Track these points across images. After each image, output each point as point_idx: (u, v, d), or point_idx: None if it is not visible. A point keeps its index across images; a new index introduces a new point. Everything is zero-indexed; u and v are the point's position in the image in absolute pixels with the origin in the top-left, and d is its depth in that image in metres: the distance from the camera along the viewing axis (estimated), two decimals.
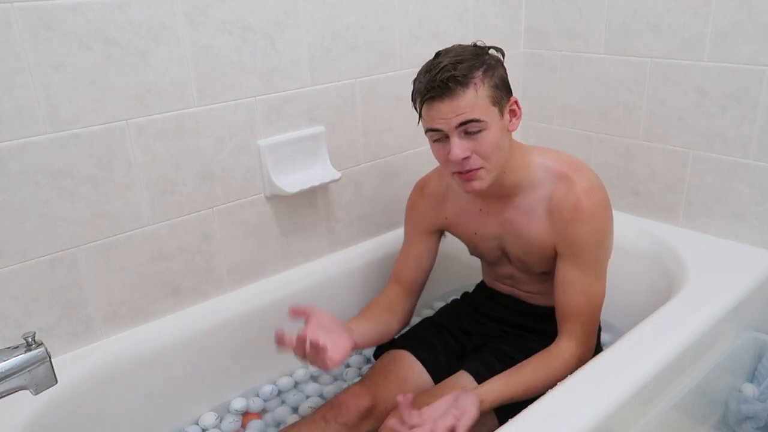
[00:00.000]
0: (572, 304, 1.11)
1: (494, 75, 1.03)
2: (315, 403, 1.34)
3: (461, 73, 0.99)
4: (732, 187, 1.43)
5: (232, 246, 1.35)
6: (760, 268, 1.32)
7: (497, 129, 1.03)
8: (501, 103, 1.04)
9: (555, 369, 1.07)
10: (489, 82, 1.02)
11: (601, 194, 1.11)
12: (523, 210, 1.15)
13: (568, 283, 1.12)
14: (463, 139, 1.02)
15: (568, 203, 1.09)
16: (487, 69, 1.02)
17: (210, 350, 1.31)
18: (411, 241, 1.32)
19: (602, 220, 1.10)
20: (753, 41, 1.32)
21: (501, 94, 1.04)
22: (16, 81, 1.01)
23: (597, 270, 1.12)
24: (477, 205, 1.21)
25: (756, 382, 1.33)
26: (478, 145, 1.03)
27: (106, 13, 1.06)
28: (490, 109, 1.02)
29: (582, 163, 1.14)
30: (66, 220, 1.11)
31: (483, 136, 1.02)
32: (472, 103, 1.00)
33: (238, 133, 1.29)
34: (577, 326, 1.11)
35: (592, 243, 1.10)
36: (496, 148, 1.04)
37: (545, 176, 1.13)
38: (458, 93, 0.99)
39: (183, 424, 1.30)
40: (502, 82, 1.05)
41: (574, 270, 1.11)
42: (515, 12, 1.72)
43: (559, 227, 1.11)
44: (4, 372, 0.72)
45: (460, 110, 1.00)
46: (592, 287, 1.12)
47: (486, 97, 1.01)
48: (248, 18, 1.23)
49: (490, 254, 1.26)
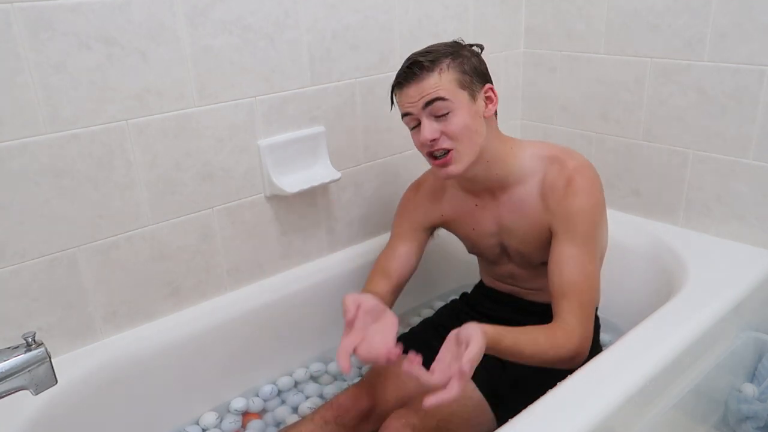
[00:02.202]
0: (570, 281, 1.07)
1: (464, 62, 1.08)
2: (315, 403, 1.34)
3: (428, 59, 1.06)
4: (732, 187, 1.43)
5: (232, 246, 1.35)
6: (760, 268, 1.32)
7: (466, 112, 1.07)
8: (471, 88, 1.08)
9: (557, 339, 1.02)
10: (456, 68, 1.07)
11: (592, 172, 1.12)
12: (519, 199, 1.15)
13: (564, 260, 1.08)
14: (432, 121, 1.07)
15: (561, 180, 1.10)
16: (455, 57, 1.08)
17: (210, 350, 1.31)
18: (401, 236, 1.30)
19: (595, 193, 1.11)
20: (753, 41, 1.32)
21: (471, 79, 1.08)
22: (16, 81, 1.01)
23: (590, 249, 1.09)
24: (472, 201, 1.22)
25: (756, 382, 1.33)
26: (446, 126, 1.07)
27: (106, 13, 1.06)
28: (458, 92, 1.07)
29: (573, 150, 1.16)
30: (66, 220, 1.11)
31: (450, 117, 1.06)
32: (436, 84, 1.05)
33: (238, 133, 1.29)
34: (575, 304, 1.06)
35: (585, 217, 1.09)
36: (465, 128, 1.07)
37: (537, 164, 1.14)
38: (423, 76, 1.06)
39: (183, 424, 1.30)
40: (473, 69, 1.09)
41: (570, 246, 1.09)
42: (515, 12, 1.72)
43: (554, 204, 1.11)
44: (4, 372, 0.72)
45: (425, 91, 1.06)
46: (589, 267, 1.08)
47: (452, 81, 1.06)
48: (248, 18, 1.23)
49: (489, 251, 1.26)
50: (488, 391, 1.12)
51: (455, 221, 1.27)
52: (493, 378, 1.14)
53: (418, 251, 1.31)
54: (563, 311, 1.06)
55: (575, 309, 1.06)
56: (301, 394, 1.39)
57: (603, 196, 1.13)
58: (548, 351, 1.00)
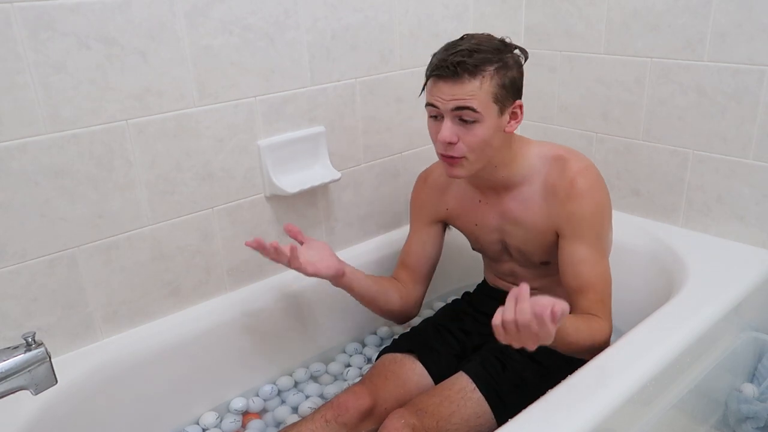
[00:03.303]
0: (587, 282, 1.09)
1: (506, 74, 1.04)
2: (315, 403, 1.34)
3: (473, 62, 1.01)
4: (732, 187, 1.43)
5: (232, 246, 1.35)
6: (760, 268, 1.32)
7: (491, 125, 1.05)
8: (503, 103, 1.05)
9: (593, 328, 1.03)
10: (498, 80, 1.03)
11: (596, 173, 1.12)
12: (522, 198, 1.16)
13: (577, 262, 1.10)
14: (455, 124, 1.05)
15: (564, 182, 1.10)
16: (501, 67, 1.04)
17: (210, 350, 1.31)
18: (415, 229, 1.35)
19: (599, 194, 1.11)
20: (753, 41, 1.32)
21: (506, 93, 1.05)
22: (16, 81, 1.01)
23: (600, 248, 1.12)
24: (476, 196, 1.22)
25: (756, 382, 1.33)
26: (468, 135, 1.05)
27: (106, 13, 1.06)
28: (490, 105, 1.03)
29: (577, 151, 1.16)
30: (66, 220, 1.11)
31: (475, 127, 1.04)
32: (473, 93, 1.02)
33: (238, 133, 1.29)
34: (595, 301, 1.09)
35: (592, 219, 1.10)
36: (484, 143, 1.05)
37: (540, 162, 1.14)
38: (464, 79, 1.02)
39: (183, 424, 1.30)
40: (511, 83, 1.06)
41: (581, 248, 1.10)
42: (515, 12, 1.72)
43: (558, 207, 1.11)
44: (4, 372, 0.72)
45: (459, 95, 1.02)
46: (601, 266, 1.11)
47: (489, 93, 1.03)
48: (248, 18, 1.23)
49: (491, 248, 1.27)
50: (488, 391, 1.12)
51: (460, 216, 1.28)
52: (493, 378, 1.14)
53: (432, 242, 1.33)
54: (587, 307, 1.09)
55: (597, 304, 1.09)
56: (301, 394, 1.39)
57: (607, 196, 1.13)
58: (587, 339, 1.02)
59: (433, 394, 1.13)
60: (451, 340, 1.30)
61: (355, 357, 1.51)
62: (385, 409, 1.16)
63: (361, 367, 1.48)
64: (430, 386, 1.22)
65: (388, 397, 1.18)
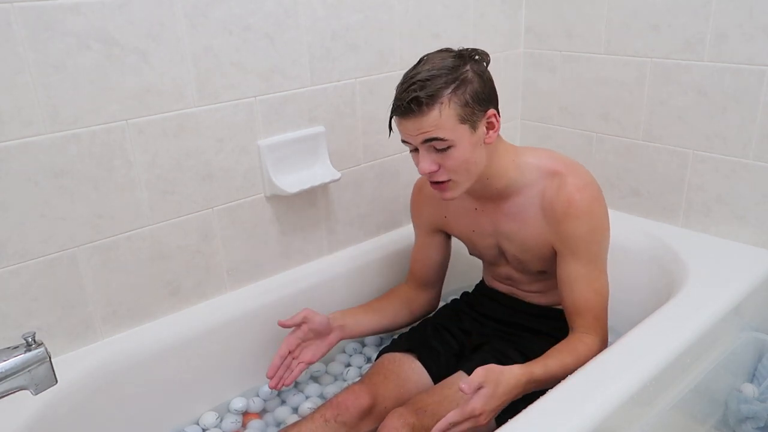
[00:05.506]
0: (582, 300, 1.12)
1: (466, 91, 1.01)
2: (315, 403, 1.34)
3: (426, 93, 0.99)
4: (732, 187, 1.43)
5: (232, 246, 1.35)
6: (760, 268, 1.32)
7: (467, 145, 1.03)
8: (472, 119, 1.02)
9: (579, 354, 1.07)
10: (457, 100, 1.00)
11: (593, 190, 1.11)
12: (517, 210, 1.15)
13: (573, 279, 1.12)
14: (431, 153, 1.04)
15: (561, 200, 1.09)
16: (458, 86, 1.01)
17: (210, 350, 1.31)
18: (418, 237, 1.38)
19: (597, 215, 1.11)
20: (753, 41, 1.32)
21: (472, 110, 1.02)
22: (16, 81, 1.01)
23: (598, 265, 1.13)
24: (472, 204, 1.22)
25: (756, 382, 1.33)
26: (447, 160, 1.04)
27: (106, 13, 1.06)
28: (458, 127, 1.01)
29: (574, 162, 1.15)
30: (66, 220, 1.11)
31: (451, 152, 1.03)
32: (436, 123, 1.00)
33: (238, 133, 1.29)
34: (589, 319, 1.12)
35: (589, 239, 1.10)
36: (464, 163, 1.04)
37: (537, 175, 1.13)
38: (422, 112, 1.00)
39: (183, 424, 1.30)
40: (475, 97, 1.02)
41: (577, 266, 1.11)
42: (515, 12, 1.72)
43: (554, 225, 1.11)
44: (4, 372, 0.72)
45: (424, 128, 1.01)
46: (598, 282, 1.12)
47: (452, 117, 1.00)
48: (248, 18, 1.23)
49: (488, 253, 1.27)
50: None
51: (456, 224, 1.28)
52: None
53: (436, 250, 1.36)
54: (580, 326, 1.12)
55: (591, 323, 1.12)
56: (301, 394, 1.39)
57: (605, 212, 1.13)
58: (574, 366, 1.04)
59: (433, 393, 1.13)
60: (450, 339, 1.30)
61: (355, 357, 1.51)
62: (384, 408, 1.16)
63: (361, 367, 1.48)
64: (429, 385, 1.22)
65: (388, 396, 1.19)
